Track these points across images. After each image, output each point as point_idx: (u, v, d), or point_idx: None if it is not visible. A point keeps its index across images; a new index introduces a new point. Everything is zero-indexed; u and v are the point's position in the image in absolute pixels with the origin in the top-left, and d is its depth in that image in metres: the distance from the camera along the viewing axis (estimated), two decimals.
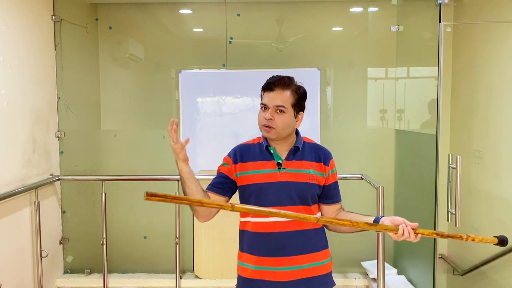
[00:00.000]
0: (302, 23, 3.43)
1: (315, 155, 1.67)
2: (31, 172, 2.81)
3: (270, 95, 1.61)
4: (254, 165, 1.63)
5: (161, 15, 3.48)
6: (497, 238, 1.52)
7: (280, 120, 1.59)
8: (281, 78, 1.63)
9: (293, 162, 1.63)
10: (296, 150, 1.65)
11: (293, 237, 1.58)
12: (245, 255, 1.64)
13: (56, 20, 3.14)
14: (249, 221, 1.63)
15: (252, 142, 1.71)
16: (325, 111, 3.40)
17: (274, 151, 1.64)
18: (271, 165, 1.62)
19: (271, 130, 1.59)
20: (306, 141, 1.70)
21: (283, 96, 1.60)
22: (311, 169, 1.63)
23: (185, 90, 3.04)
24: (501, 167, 2.72)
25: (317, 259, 1.62)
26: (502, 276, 2.72)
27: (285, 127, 1.61)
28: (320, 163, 1.66)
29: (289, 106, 1.61)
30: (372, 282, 3.09)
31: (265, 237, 1.59)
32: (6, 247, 2.55)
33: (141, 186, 3.39)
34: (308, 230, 1.61)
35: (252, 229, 1.62)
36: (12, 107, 2.61)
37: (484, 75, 2.90)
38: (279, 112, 1.59)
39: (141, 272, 3.31)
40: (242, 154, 1.64)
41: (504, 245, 1.53)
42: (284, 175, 1.60)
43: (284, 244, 1.58)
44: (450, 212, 2.46)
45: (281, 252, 1.58)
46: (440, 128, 2.60)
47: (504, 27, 2.71)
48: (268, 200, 1.58)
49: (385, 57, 3.43)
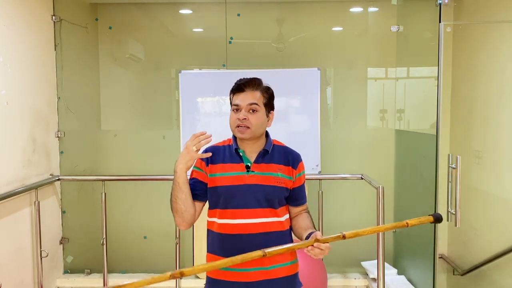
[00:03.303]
0: (302, 23, 3.43)
1: (284, 159, 1.67)
2: (31, 172, 2.81)
3: (241, 96, 1.63)
4: (223, 168, 1.63)
5: (161, 15, 3.48)
6: (432, 217, 1.52)
7: (254, 119, 1.60)
8: (251, 79, 1.66)
9: (262, 165, 1.63)
10: (265, 153, 1.65)
11: (258, 238, 1.59)
12: (211, 255, 1.65)
13: (56, 20, 3.15)
14: (215, 222, 1.64)
15: (222, 144, 1.71)
16: (325, 111, 3.40)
17: (244, 154, 1.65)
18: (240, 167, 1.62)
19: (246, 130, 1.59)
20: (276, 144, 1.71)
21: (254, 96, 1.62)
22: (279, 172, 1.64)
23: (185, 90, 3.04)
24: (501, 167, 2.72)
25: (282, 260, 1.62)
26: (502, 276, 2.72)
27: (259, 126, 1.62)
28: (289, 166, 1.66)
29: (261, 105, 1.63)
30: (372, 282, 3.09)
31: (231, 238, 1.60)
32: (6, 247, 2.56)
33: (141, 186, 3.40)
34: (273, 232, 1.62)
35: (218, 230, 1.63)
36: (12, 107, 2.61)
37: (484, 75, 2.90)
38: (252, 112, 1.60)
39: (141, 272, 3.31)
40: (212, 156, 1.64)
41: (439, 221, 1.54)
42: (252, 178, 1.61)
43: (250, 246, 1.54)
44: (450, 212, 2.46)
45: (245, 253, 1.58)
46: (440, 128, 2.60)
47: (504, 27, 2.71)
48: (236, 203, 1.59)
49: (385, 57, 3.43)
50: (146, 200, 3.41)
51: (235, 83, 1.67)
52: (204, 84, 3.06)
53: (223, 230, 1.61)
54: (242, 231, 1.59)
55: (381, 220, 2.48)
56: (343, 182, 3.28)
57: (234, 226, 1.59)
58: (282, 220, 1.65)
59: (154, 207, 3.41)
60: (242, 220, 1.59)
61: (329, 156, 3.24)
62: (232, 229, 1.60)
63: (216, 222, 1.64)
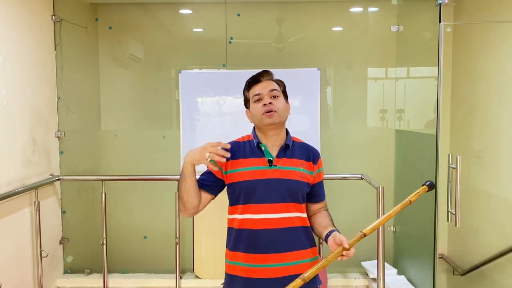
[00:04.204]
0: (302, 23, 3.43)
1: (305, 154, 1.68)
2: (31, 172, 2.81)
3: (259, 86, 1.66)
4: (245, 162, 1.63)
5: (161, 15, 3.48)
6: (426, 186, 1.61)
7: (278, 103, 1.63)
8: (264, 70, 1.70)
9: (284, 160, 1.63)
10: (286, 147, 1.65)
11: (281, 234, 1.58)
12: (232, 253, 1.64)
13: (56, 20, 3.14)
14: (235, 218, 1.63)
15: (242, 140, 1.72)
16: (325, 111, 3.40)
17: (265, 148, 1.65)
18: (262, 162, 1.62)
19: (274, 114, 1.60)
20: (295, 140, 1.72)
21: (272, 84, 1.67)
22: (301, 167, 1.64)
23: (185, 90, 3.04)
24: (501, 167, 2.72)
25: (305, 256, 1.62)
26: (502, 276, 2.72)
27: (284, 111, 1.65)
28: (310, 161, 1.67)
29: (280, 91, 1.67)
30: (372, 282, 3.09)
31: (253, 234, 1.58)
32: (6, 247, 2.56)
33: (141, 186, 3.40)
34: (297, 228, 1.61)
35: (239, 226, 1.61)
36: (12, 107, 2.61)
37: (484, 75, 2.90)
38: (274, 98, 1.63)
39: (141, 272, 3.31)
40: (233, 151, 1.63)
41: (432, 188, 1.62)
42: (275, 172, 1.60)
43: (272, 241, 1.57)
44: (450, 212, 2.46)
45: (269, 249, 1.57)
46: (440, 128, 2.60)
47: (504, 27, 2.71)
48: (258, 197, 1.58)
49: (385, 57, 3.43)
50: (146, 200, 3.41)
51: (249, 78, 1.69)
52: (204, 84, 3.06)
53: (245, 226, 1.60)
54: (265, 226, 1.58)
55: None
56: (343, 182, 3.28)
57: (256, 221, 1.58)
58: (305, 216, 1.65)
59: (154, 207, 3.41)
60: (265, 215, 1.58)
61: (329, 156, 3.24)
62: (254, 224, 1.59)
63: (237, 219, 1.63)
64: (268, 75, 1.68)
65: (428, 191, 1.61)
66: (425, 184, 1.61)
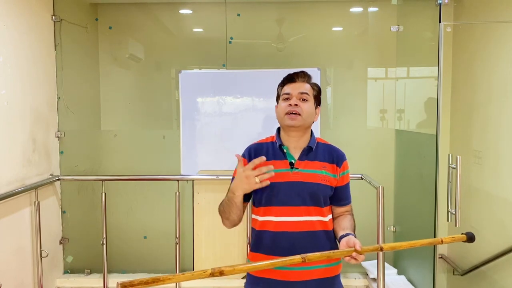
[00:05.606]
0: (302, 23, 3.43)
1: (328, 156, 1.66)
2: (31, 172, 2.81)
3: (292, 85, 1.64)
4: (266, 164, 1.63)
5: (161, 15, 3.48)
6: (465, 235, 1.54)
7: (305, 107, 1.60)
8: (302, 71, 1.67)
9: (306, 162, 1.61)
10: (309, 150, 1.63)
11: (302, 238, 1.57)
12: (253, 253, 1.64)
13: (56, 20, 3.15)
14: (257, 220, 1.64)
15: (265, 141, 1.70)
16: (325, 111, 3.40)
17: (287, 150, 1.63)
18: (284, 164, 1.61)
19: (296, 117, 1.58)
20: (320, 142, 1.70)
21: (305, 86, 1.64)
22: (323, 170, 1.62)
23: (185, 90, 3.04)
24: (501, 167, 2.72)
25: (328, 260, 1.60)
26: (502, 276, 2.72)
27: (309, 115, 1.62)
28: (333, 164, 1.65)
29: (311, 96, 1.64)
30: (372, 282, 3.09)
31: (273, 236, 1.58)
32: (6, 247, 2.55)
33: (141, 186, 3.40)
34: (319, 232, 1.60)
35: (260, 228, 1.62)
36: (12, 107, 2.61)
37: (484, 75, 2.90)
38: (302, 101, 1.61)
39: (141, 272, 3.31)
40: (256, 153, 1.63)
41: (472, 241, 1.54)
42: (297, 175, 1.59)
43: (293, 244, 1.56)
44: (450, 212, 2.46)
45: (291, 252, 1.57)
46: (440, 128, 2.60)
47: (504, 27, 2.71)
48: (279, 200, 1.57)
49: (385, 57, 3.43)
50: (146, 200, 3.41)
51: (285, 76, 1.68)
52: (204, 84, 3.06)
53: (266, 228, 1.60)
54: (285, 229, 1.57)
55: (381, 220, 2.48)
56: None
57: (277, 224, 1.58)
58: (326, 220, 1.63)
59: (154, 207, 3.41)
60: (286, 218, 1.57)
61: None
62: (274, 226, 1.58)
63: (258, 220, 1.63)
64: (304, 76, 1.65)
65: (465, 241, 1.54)
66: (465, 233, 1.55)
